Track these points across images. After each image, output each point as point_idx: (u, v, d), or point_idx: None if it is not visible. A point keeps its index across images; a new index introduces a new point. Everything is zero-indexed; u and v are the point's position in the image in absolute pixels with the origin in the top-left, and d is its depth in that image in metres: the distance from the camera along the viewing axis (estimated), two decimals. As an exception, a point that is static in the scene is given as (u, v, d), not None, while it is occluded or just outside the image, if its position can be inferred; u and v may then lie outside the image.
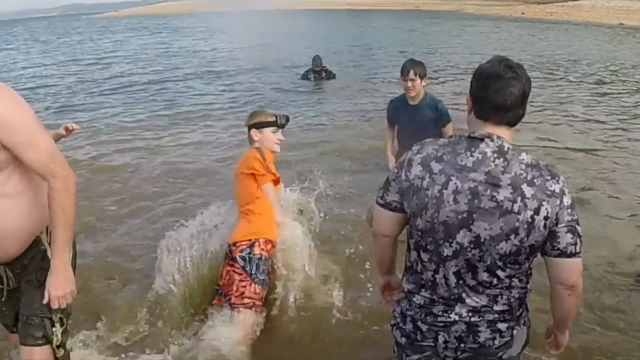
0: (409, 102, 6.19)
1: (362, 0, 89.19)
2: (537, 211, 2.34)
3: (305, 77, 14.93)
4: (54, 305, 2.64)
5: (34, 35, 41.76)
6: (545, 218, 2.35)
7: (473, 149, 2.40)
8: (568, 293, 2.49)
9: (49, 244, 2.68)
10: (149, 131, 9.78)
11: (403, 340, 2.77)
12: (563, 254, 2.42)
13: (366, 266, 4.88)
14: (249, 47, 23.50)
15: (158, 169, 7.55)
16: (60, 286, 2.62)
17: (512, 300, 2.55)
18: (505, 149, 2.37)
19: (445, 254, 2.49)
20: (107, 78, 16.78)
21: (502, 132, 2.41)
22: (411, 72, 5.98)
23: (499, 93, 2.37)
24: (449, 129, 6.28)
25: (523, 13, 47.15)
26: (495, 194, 2.35)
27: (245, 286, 3.87)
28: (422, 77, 6.05)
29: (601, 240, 5.48)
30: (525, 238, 2.37)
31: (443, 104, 6.30)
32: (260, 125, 4.27)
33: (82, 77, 17.34)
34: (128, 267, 5.06)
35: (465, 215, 2.40)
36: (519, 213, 2.34)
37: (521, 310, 2.64)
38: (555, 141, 8.76)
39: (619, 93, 13.29)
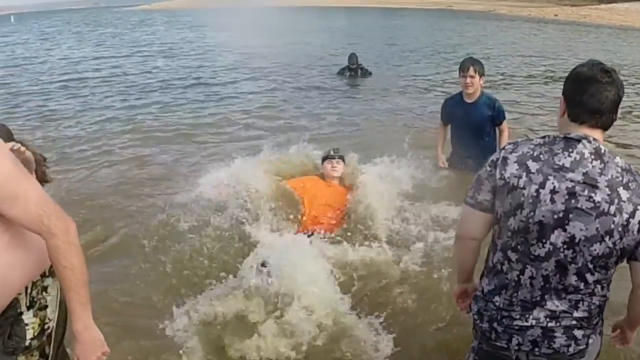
0: (466, 100, 6.30)
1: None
2: (632, 215, 2.36)
3: (340, 73, 15.08)
4: None
5: (73, 28, 42.18)
6: None
7: (571, 150, 2.42)
8: None
9: (27, 306, 2.35)
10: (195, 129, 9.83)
11: (479, 335, 2.83)
12: None
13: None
14: (285, 44, 23.63)
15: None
16: (89, 353, 2.30)
17: (592, 307, 2.56)
18: (602, 152, 2.40)
19: (536, 254, 2.50)
20: (150, 72, 16.97)
21: (597, 135, 2.44)
22: (471, 68, 6.10)
23: (595, 97, 2.40)
24: (504, 128, 6.38)
25: (556, 15, 46.67)
26: (592, 194, 2.37)
27: None
28: (481, 75, 6.17)
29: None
30: (619, 241, 2.38)
31: (500, 102, 6.38)
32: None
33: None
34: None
35: (561, 215, 2.41)
36: (614, 215, 2.35)
37: (599, 318, 2.64)
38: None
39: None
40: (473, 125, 6.35)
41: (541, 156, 2.46)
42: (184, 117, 10.73)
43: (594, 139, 2.42)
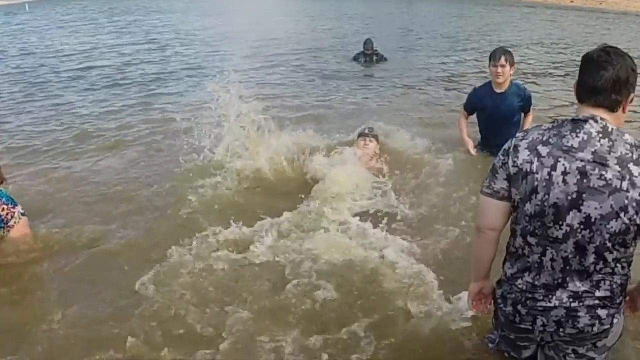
0: (495, 89, 6.34)
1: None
2: None
3: (355, 59, 15.12)
4: None
5: (89, 15, 42.25)
6: None
7: (578, 130, 2.51)
8: None
9: None
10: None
11: (502, 319, 2.95)
12: None
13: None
14: (299, 29, 23.60)
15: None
16: None
17: (614, 286, 2.65)
18: (610, 130, 2.49)
19: (554, 236, 2.59)
20: (162, 60, 16.96)
21: (604, 115, 2.53)
22: (502, 58, 6.19)
23: (590, 75, 2.52)
24: (530, 115, 6.41)
25: (572, 1, 46.18)
26: (603, 172, 2.44)
27: None
28: (511, 65, 6.24)
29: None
30: (635, 215, 2.46)
31: (529, 90, 6.43)
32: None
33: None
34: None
35: (575, 195, 2.49)
36: (627, 191, 2.43)
37: (622, 297, 2.74)
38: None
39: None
40: (503, 115, 6.40)
41: (550, 140, 2.55)
42: (195, 103, 10.51)
43: (601, 119, 2.50)
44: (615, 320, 2.69)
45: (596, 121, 2.50)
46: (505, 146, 2.71)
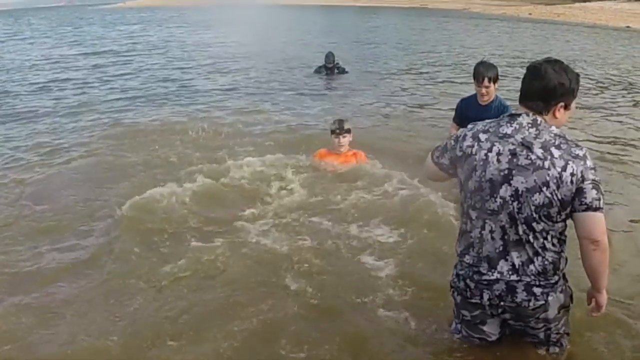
0: (480, 102, 6.45)
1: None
2: (564, 168, 2.86)
3: (317, 72, 15.11)
4: None
5: (45, 26, 41.76)
6: (572, 175, 2.85)
7: (512, 122, 3.01)
8: (593, 248, 2.89)
9: None
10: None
11: (459, 298, 3.35)
12: (589, 207, 2.86)
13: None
14: (260, 42, 23.56)
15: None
16: None
17: (546, 263, 3.02)
18: (538, 122, 2.96)
19: (491, 209, 3.03)
20: (125, 73, 16.74)
21: (535, 115, 2.98)
22: (486, 80, 6.27)
23: (525, 83, 3.01)
24: None
25: (530, 14, 47.08)
26: (529, 153, 2.91)
27: None
28: (495, 82, 6.30)
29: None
30: (556, 190, 2.87)
31: (511, 110, 6.48)
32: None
33: (104, 70, 17.28)
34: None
35: (506, 172, 2.96)
36: (548, 169, 2.87)
37: (556, 277, 3.10)
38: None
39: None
40: None
41: (490, 129, 3.07)
42: (153, 117, 10.52)
43: (533, 114, 2.98)
44: (550, 298, 3.08)
45: (528, 115, 2.98)
46: (458, 133, 3.23)
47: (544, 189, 2.88)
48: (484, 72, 6.30)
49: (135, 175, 6.98)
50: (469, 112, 6.57)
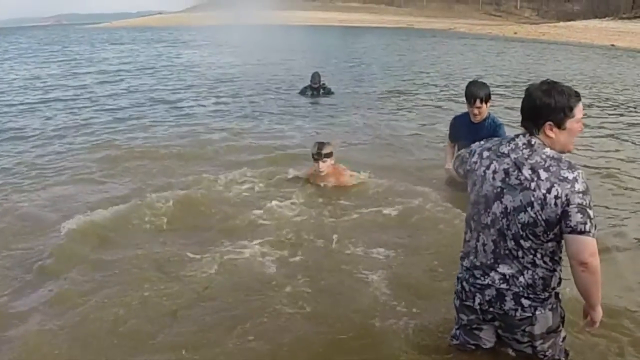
0: (472, 120, 6.46)
1: (356, 17, 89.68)
2: (549, 190, 2.96)
3: (302, 93, 15.09)
4: None
5: (33, 45, 41.69)
6: (556, 197, 2.94)
7: (510, 142, 3.17)
8: (581, 269, 2.96)
9: None
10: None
11: (457, 302, 3.48)
12: (574, 230, 2.94)
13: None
14: (245, 62, 23.61)
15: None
16: None
17: (536, 277, 3.14)
18: (533, 142, 3.09)
19: (485, 222, 3.22)
20: (113, 93, 16.67)
21: (530, 135, 3.12)
22: (478, 101, 6.28)
23: (522, 103, 3.15)
24: None
25: (515, 33, 47.61)
26: (519, 174, 3.06)
27: None
28: (487, 102, 6.32)
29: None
30: (540, 211, 2.99)
31: (503, 128, 6.50)
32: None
33: (92, 90, 17.18)
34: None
35: (498, 190, 3.14)
36: (534, 190, 3.00)
37: (547, 294, 3.19)
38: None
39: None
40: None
41: (492, 148, 3.25)
42: (137, 139, 10.35)
43: (530, 135, 3.11)
44: (538, 313, 3.18)
45: (524, 136, 3.12)
46: (471, 148, 3.42)
47: (529, 209, 3.01)
48: (475, 92, 6.31)
49: (122, 193, 7.08)
50: (461, 129, 6.58)
